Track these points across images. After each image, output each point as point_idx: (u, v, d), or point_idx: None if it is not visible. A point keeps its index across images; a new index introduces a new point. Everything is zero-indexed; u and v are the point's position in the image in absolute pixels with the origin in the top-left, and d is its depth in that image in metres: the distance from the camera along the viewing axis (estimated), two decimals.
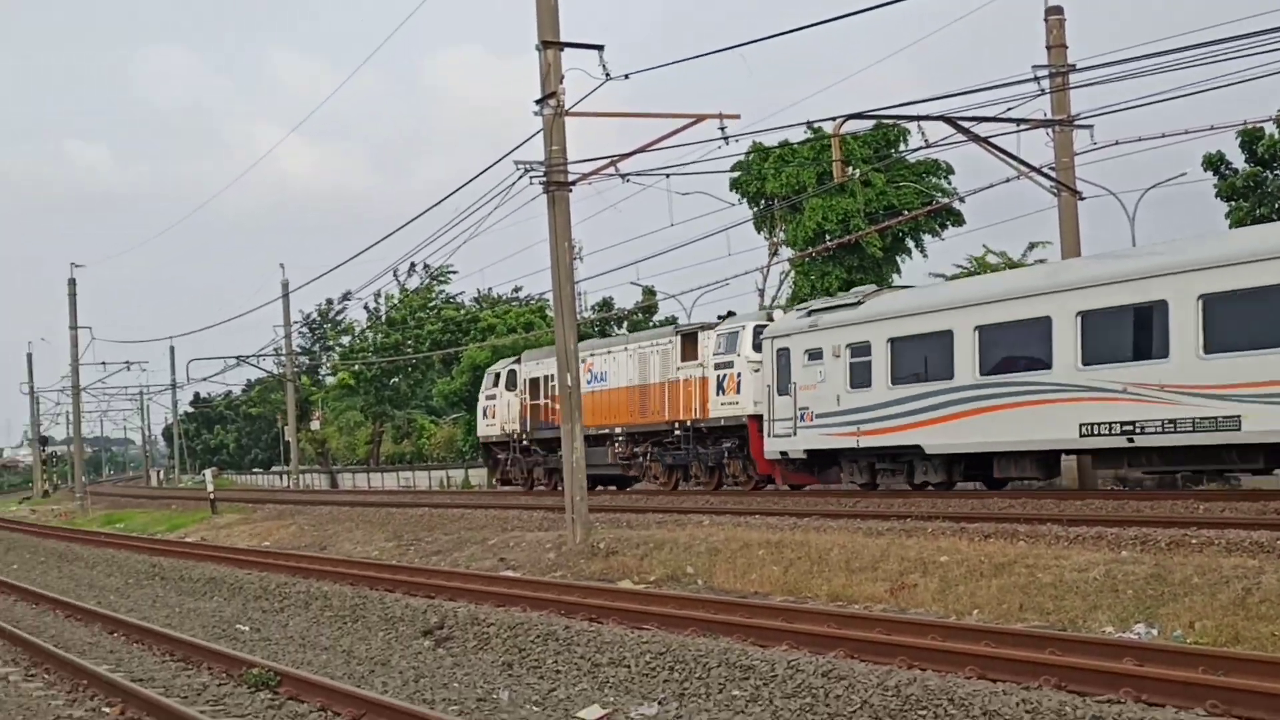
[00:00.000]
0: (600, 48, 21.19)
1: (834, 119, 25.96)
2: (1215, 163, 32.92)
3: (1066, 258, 26.53)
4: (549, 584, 18.80)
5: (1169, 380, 20.18)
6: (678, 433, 32.72)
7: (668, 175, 24.62)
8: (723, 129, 22.22)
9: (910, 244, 46.87)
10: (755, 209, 47.00)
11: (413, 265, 68.77)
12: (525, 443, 39.69)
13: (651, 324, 57.21)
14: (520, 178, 22.37)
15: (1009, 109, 23.80)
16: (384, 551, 26.88)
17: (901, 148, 43.41)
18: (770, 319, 31.29)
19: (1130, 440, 20.95)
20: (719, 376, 31.21)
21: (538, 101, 21.86)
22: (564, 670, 13.01)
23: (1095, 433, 21.44)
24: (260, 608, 19.93)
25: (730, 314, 33.93)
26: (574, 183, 22.44)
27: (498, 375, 41.62)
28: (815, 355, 27.63)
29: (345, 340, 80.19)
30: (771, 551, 18.49)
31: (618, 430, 34.85)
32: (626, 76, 21.36)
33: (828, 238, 43.60)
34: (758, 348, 29.88)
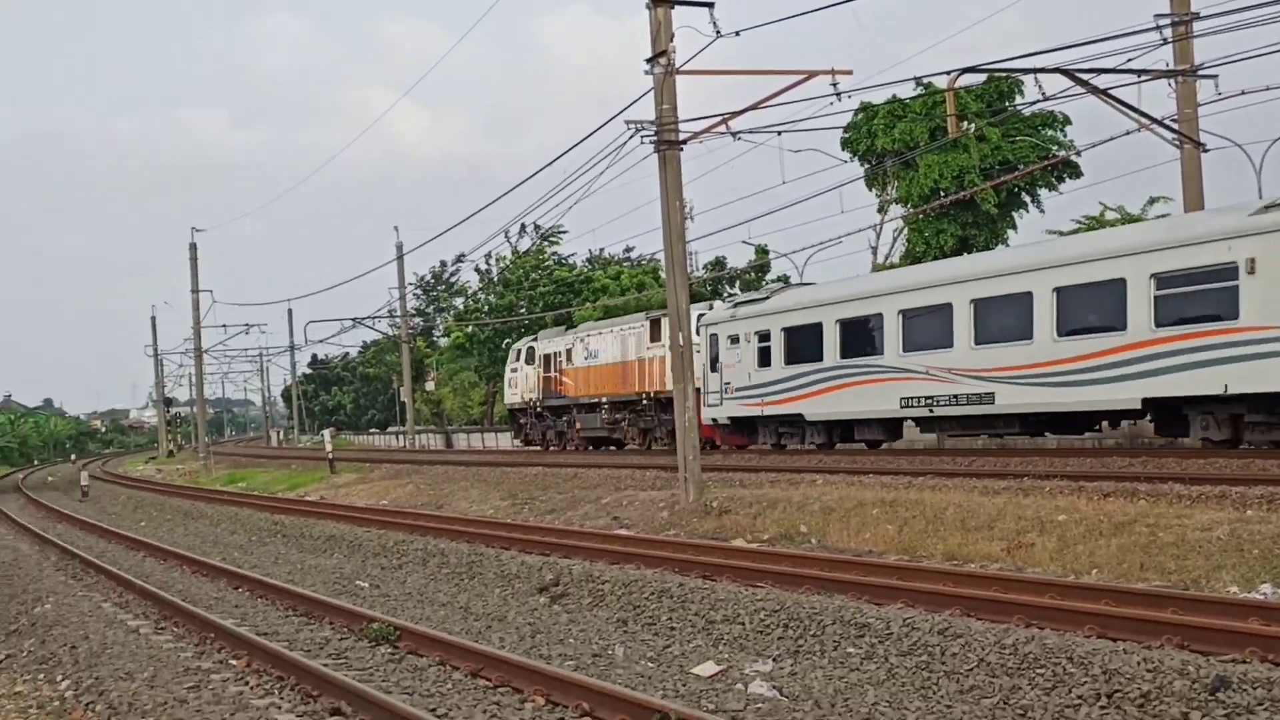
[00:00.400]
0: (711, 4, 21.04)
1: (946, 73, 25.58)
2: None
3: (1190, 211, 25.97)
4: (663, 542, 18.86)
5: (954, 365, 25.60)
6: (645, 402, 38.23)
7: (779, 133, 24.43)
8: (835, 85, 22.04)
9: (1026, 199, 46.08)
10: (866, 166, 46.45)
11: (523, 226, 69.11)
12: (539, 410, 45.40)
13: (764, 283, 56.92)
14: (631, 137, 22.37)
15: (1129, 60, 23.20)
16: (499, 510, 27.21)
17: (1017, 100, 42.58)
18: (711, 308, 35.98)
19: (931, 411, 26.28)
20: None
21: (648, 60, 21.74)
22: (678, 627, 13.08)
23: (910, 405, 26.92)
24: (379, 565, 20.31)
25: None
26: (685, 141, 22.30)
27: (519, 351, 47.18)
28: (735, 340, 32.79)
29: (458, 302, 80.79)
30: (886, 510, 18.37)
31: (604, 400, 40.21)
32: (737, 34, 21.14)
33: (942, 194, 42.99)
34: (699, 332, 33.71)
